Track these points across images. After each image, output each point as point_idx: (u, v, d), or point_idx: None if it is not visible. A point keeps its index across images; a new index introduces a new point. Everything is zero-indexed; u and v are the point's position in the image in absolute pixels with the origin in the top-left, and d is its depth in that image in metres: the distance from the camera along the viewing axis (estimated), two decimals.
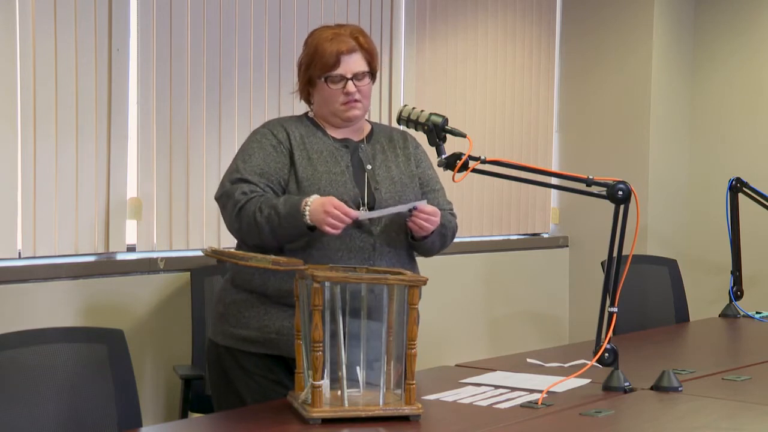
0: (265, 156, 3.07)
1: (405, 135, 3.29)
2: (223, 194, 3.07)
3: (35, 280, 3.82)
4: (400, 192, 3.13)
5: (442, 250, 3.28)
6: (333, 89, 3.09)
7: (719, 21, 5.91)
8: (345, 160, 3.11)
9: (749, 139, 5.82)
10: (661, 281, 4.78)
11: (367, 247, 3.04)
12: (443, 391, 2.96)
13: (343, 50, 3.08)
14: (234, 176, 3.06)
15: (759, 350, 3.87)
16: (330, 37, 3.11)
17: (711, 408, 2.90)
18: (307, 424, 2.58)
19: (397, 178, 3.15)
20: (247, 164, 3.06)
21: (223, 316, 3.13)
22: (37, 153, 3.83)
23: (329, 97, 3.11)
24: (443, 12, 5.28)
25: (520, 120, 5.70)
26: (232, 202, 3.02)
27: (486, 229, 5.55)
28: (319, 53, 3.09)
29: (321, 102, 3.14)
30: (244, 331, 3.07)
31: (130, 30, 4.09)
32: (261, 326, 3.05)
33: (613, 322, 2.99)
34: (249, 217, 2.98)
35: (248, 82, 4.45)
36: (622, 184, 2.96)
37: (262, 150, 3.08)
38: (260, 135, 3.13)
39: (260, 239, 2.99)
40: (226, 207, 3.07)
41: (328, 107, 3.13)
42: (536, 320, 5.78)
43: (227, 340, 3.10)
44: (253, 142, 3.13)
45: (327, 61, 3.08)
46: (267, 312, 3.05)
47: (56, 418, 2.64)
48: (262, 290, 3.06)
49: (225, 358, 3.11)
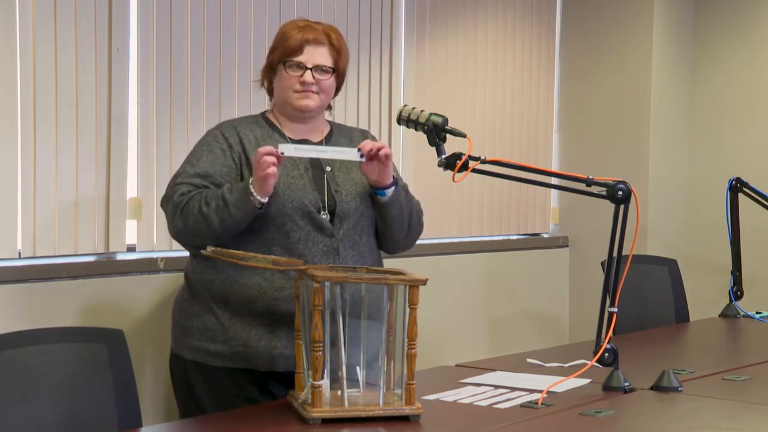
0: (212, 159, 3.03)
1: (365, 134, 3.27)
2: (163, 198, 3.05)
3: (35, 280, 3.82)
4: (362, 194, 3.10)
5: (409, 233, 3.17)
6: (290, 75, 3.06)
7: (719, 21, 5.91)
8: (303, 162, 3.07)
9: (749, 139, 5.82)
10: (661, 281, 4.78)
11: (331, 251, 3.01)
12: (443, 391, 2.96)
13: (310, 39, 3.06)
14: (175, 180, 3.03)
15: (759, 350, 3.87)
16: (301, 25, 3.10)
17: (711, 408, 2.90)
18: (307, 424, 2.58)
19: (359, 179, 3.10)
20: (193, 167, 3.03)
21: (186, 329, 3.08)
22: (37, 153, 3.83)
23: (285, 84, 3.07)
24: (443, 12, 5.28)
25: (520, 120, 5.69)
26: (172, 205, 2.99)
27: (486, 229, 5.55)
28: (285, 38, 3.08)
29: (277, 91, 3.12)
30: (210, 345, 3.02)
31: (130, 30, 4.09)
32: (227, 339, 3.00)
33: (613, 322, 3.00)
34: (194, 214, 2.93)
35: (248, 82, 4.44)
36: (622, 184, 2.96)
37: (210, 153, 3.05)
38: (211, 137, 3.09)
39: (209, 232, 2.92)
40: (167, 211, 3.03)
41: (281, 95, 3.10)
42: (536, 320, 5.78)
43: (192, 353, 3.06)
44: (202, 144, 3.09)
45: (290, 45, 3.06)
46: (232, 323, 2.99)
47: (56, 418, 2.64)
48: (223, 298, 3.01)
49: (191, 373, 3.06)
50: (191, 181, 3.00)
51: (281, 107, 3.13)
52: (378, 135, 5.00)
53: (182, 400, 3.12)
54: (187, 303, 3.08)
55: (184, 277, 3.19)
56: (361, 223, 3.08)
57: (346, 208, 3.04)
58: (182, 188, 2.99)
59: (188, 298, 3.08)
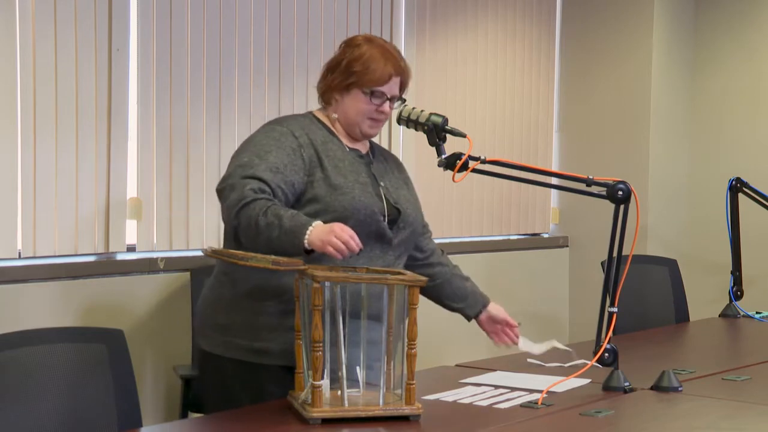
0: (282, 157, 2.93)
1: (397, 159, 3.30)
2: (227, 186, 2.88)
3: (35, 280, 3.82)
4: (416, 211, 3.14)
5: None
6: (370, 103, 3.06)
7: (719, 21, 5.91)
8: (365, 171, 3.08)
9: (749, 139, 5.82)
10: (661, 281, 4.78)
11: (380, 257, 3.01)
12: (443, 391, 2.95)
13: (394, 73, 3.06)
14: (247, 171, 2.88)
15: (759, 350, 3.87)
16: (382, 53, 3.06)
17: (711, 408, 2.90)
18: (307, 424, 2.58)
19: (410, 198, 3.16)
20: (263, 161, 2.91)
21: (226, 327, 2.97)
22: (37, 153, 3.83)
23: (361, 110, 3.05)
24: (443, 12, 5.28)
25: (520, 120, 5.70)
26: (238, 196, 2.84)
27: (486, 229, 5.55)
28: (372, 69, 3.02)
29: (347, 110, 3.07)
30: (255, 343, 2.93)
31: (130, 30, 4.09)
32: (274, 337, 2.92)
33: (613, 322, 2.99)
34: (251, 218, 2.82)
35: (248, 82, 4.45)
36: (622, 184, 2.96)
37: (281, 150, 2.95)
38: (278, 133, 2.99)
39: (254, 243, 2.83)
40: (228, 198, 2.87)
41: (353, 118, 3.06)
42: (536, 320, 5.77)
43: (233, 351, 2.96)
44: (270, 139, 2.98)
45: (378, 76, 3.02)
46: (281, 321, 2.92)
47: (56, 419, 2.64)
48: (277, 295, 2.92)
49: (228, 371, 2.97)
50: (263, 175, 2.88)
51: (346, 125, 3.10)
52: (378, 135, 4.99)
53: (215, 398, 3.05)
54: (229, 301, 3.00)
55: (222, 274, 3.05)
56: (412, 237, 3.11)
57: (409, 220, 3.07)
58: (252, 183, 2.86)
59: (230, 296, 2.99)
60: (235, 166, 2.91)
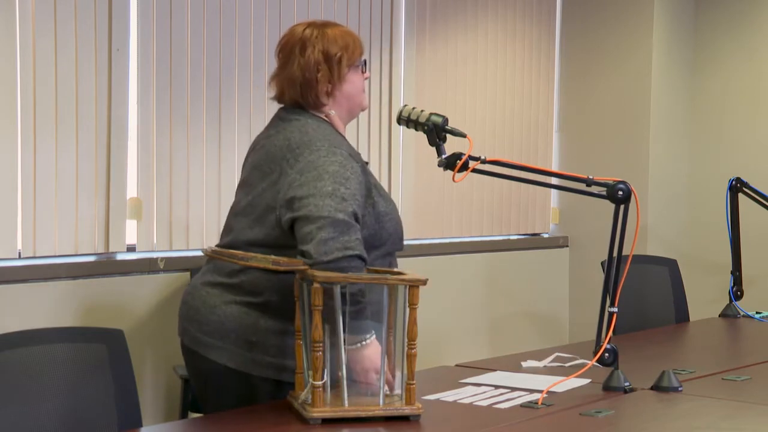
0: (359, 187, 2.86)
1: None
2: (337, 221, 2.74)
3: (35, 280, 3.82)
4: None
5: None
6: (361, 75, 3.05)
7: (719, 21, 5.91)
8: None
9: (749, 139, 5.82)
10: (661, 281, 4.78)
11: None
12: (443, 391, 2.95)
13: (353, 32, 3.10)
14: (349, 206, 2.77)
15: (759, 350, 3.87)
16: (325, 24, 3.07)
17: (711, 408, 2.90)
18: (307, 424, 2.58)
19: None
20: (349, 191, 2.80)
21: (257, 345, 2.89)
22: (37, 153, 3.83)
23: (359, 86, 3.04)
24: (443, 12, 5.28)
25: (520, 120, 5.70)
26: (344, 242, 2.73)
27: (486, 229, 5.55)
28: (347, 41, 3.01)
29: (350, 93, 3.02)
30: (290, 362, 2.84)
31: (130, 30, 4.09)
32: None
33: (613, 322, 2.99)
34: (337, 268, 2.69)
35: (248, 82, 4.45)
36: (622, 184, 2.96)
37: (356, 179, 2.85)
38: (344, 158, 2.86)
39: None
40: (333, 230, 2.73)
41: (356, 98, 3.04)
42: (536, 320, 5.78)
43: (266, 370, 2.90)
44: (342, 167, 2.84)
45: (358, 46, 3.03)
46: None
47: (56, 419, 2.64)
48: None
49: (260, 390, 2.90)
50: (358, 211, 2.81)
51: (349, 110, 3.04)
52: (378, 135, 5.01)
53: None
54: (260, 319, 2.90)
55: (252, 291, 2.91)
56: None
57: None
58: (358, 231, 2.78)
59: (261, 314, 2.90)
60: (324, 195, 2.78)
